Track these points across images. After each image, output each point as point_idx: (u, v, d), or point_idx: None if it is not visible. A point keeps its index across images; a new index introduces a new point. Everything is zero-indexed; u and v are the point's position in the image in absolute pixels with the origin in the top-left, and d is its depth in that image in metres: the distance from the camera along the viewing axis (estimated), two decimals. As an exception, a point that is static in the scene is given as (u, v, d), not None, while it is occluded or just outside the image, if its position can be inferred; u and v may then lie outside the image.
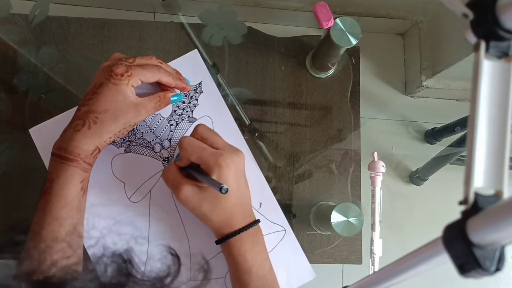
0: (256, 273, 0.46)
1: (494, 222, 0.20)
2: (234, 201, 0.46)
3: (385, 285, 0.28)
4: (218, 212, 0.45)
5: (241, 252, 0.46)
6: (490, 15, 0.23)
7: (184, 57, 0.58)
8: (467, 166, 0.23)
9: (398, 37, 1.45)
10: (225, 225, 0.46)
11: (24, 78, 0.57)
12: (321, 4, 0.52)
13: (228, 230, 0.46)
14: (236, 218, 0.46)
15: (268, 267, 0.48)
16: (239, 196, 0.46)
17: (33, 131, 0.54)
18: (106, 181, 0.53)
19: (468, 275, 0.21)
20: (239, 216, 0.46)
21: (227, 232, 0.46)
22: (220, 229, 0.46)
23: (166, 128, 0.55)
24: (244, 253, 0.46)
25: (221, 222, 0.46)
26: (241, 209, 0.47)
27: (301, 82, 0.61)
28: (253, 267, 0.46)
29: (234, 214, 0.46)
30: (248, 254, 0.46)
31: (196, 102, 0.56)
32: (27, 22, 0.58)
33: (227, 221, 0.46)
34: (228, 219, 0.46)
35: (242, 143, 0.56)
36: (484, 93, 0.24)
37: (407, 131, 1.40)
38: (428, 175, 1.30)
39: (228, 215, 0.46)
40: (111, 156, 0.53)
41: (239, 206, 0.46)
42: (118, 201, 0.52)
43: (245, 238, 0.46)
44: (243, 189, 0.48)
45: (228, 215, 0.46)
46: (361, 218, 0.51)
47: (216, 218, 0.46)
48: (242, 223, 0.46)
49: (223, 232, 0.46)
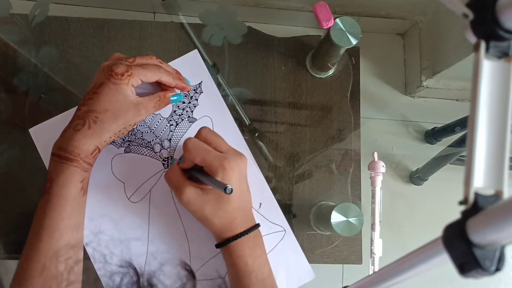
0: (256, 277, 0.46)
1: (494, 222, 0.20)
2: (237, 204, 0.46)
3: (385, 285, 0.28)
4: (220, 215, 0.45)
5: (241, 256, 0.46)
6: (490, 15, 0.23)
7: (184, 57, 0.58)
8: (467, 166, 0.23)
9: (398, 37, 1.45)
10: (227, 228, 0.46)
11: (24, 78, 0.57)
12: (321, 4, 0.52)
13: (229, 234, 0.46)
14: (237, 222, 0.46)
15: (268, 271, 0.48)
16: (241, 200, 0.46)
17: (33, 131, 0.54)
18: (106, 181, 0.53)
19: (468, 275, 0.21)
20: (240, 220, 0.46)
21: (228, 235, 0.46)
22: (221, 233, 0.46)
23: (166, 128, 0.55)
24: (245, 257, 0.46)
25: (223, 225, 0.46)
26: (243, 213, 0.47)
27: (301, 82, 0.61)
28: (253, 271, 0.46)
29: (236, 217, 0.46)
30: (249, 258, 0.46)
31: (196, 102, 0.56)
32: (27, 22, 0.58)
33: (229, 224, 0.46)
34: (230, 222, 0.46)
35: (242, 144, 0.56)
36: (484, 93, 0.24)
37: (407, 131, 1.40)
38: (428, 175, 1.30)
39: (230, 219, 0.46)
40: (111, 156, 0.53)
41: (240, 210, 0.46)
42: (118, 201, 0.52)
43: (245, 242, 0.46)
44: (245, 193, 0.48)
45: (230, 219, 0.46)
46: (361, 218, 0.51)
47: (218, 221, 0.45)
48: (243, 227, 0.46)
49: (224, 235, 0.46)
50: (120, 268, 0.51)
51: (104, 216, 0.52)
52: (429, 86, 1.31)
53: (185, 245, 0.52)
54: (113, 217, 0.52)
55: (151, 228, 0.52)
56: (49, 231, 0.42)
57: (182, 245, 0.52)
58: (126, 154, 0.54)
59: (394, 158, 1.39)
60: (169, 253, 0.52)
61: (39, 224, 0.42)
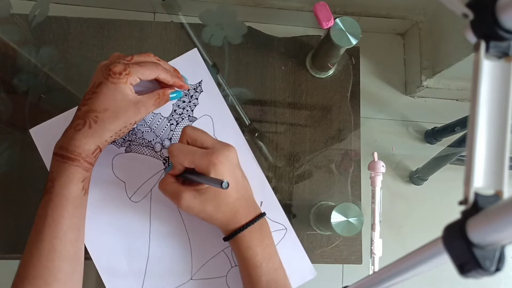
0: (266, 267, 0.46)
1: (494, 222, 0.20)
2: (236, 195, 0.46)
3: (385, 285, 0.28)
4: (222, 209, 0.45)
5: (250, 246, 0.46)
6: (490, 15, 0.23)
7: (184, 56, 0.58)
8: (467, 166, 0.23)
9: (398, 37, 1.45)
10: (232, 221, 0.46)
11: (24, 78, 0.57)
12: (321, 4, 0.52)
13: (235, 226, 0.46)
14: (241, 213, 0.46)
15: (278, 262, 0.48)
16: (239, 190, 0.46)
17: (33, 131, 0.54)
18: (107, 180, 0.53)
19: (468, 275, 0.21)
20: (244, 210, 0.46)
21: (234, 227, 0.46)
22: (227, 226, 0.46)
23: (167, 127, 0.55)
24: (254, 247, 0.46)
25: (227, 218, 0.46)
26: (245, 203, 0.47)
27: (301, 82, 0.61)
28: (263, 261, 0.46)
29: (239, 208, 0.46)
30: (258, 248, 0.46)
31: (196, 101, 0.57)
32: (27, 22, 0.58)
33: (233, 216, 0.46)
34: (234, 214, 0.46)
35: (242, 142, 0.56)
36: (484, 93, 0.24)
37: (407, 131, 1.40)
38: (428, 175, 1.30)
39: (233, 211, 0.46)
40: (112, 156, 0.53)
41: (242, 200, 0.46)
42: (119, 201, 0.52)
43: (253, 232, 0.46)
44: (242, 182, 0.47)
45: (233, 211, 0.46)
46: (361, 218, 0.51)
47: (222, 216, 0.45)
48: (248, 217, 0.46)
49: (230, 228, 0.46)
50: (122, 267, 0.51)
51: (105, 216, 0.52)
52: (429, 86, 1.31)
53: (186, 244, 0.52)
54: (114, 217, 0.52)
55: (152, 227, 0.52)
56: (51, 230, 0.42)
57: (183, 243, 0.52)
58: (127, 153, 0.54)
59: (394, 158, 1.39)
60: (170, 252, 0.52)
61: (40, 223, 0.43)
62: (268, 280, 0.45)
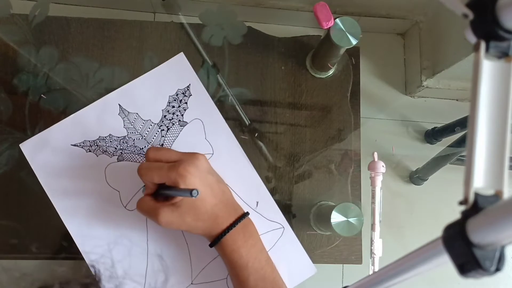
0: (252, 267, 0.46)
1: (494, 222, 0.20)
2: (213, 201, 0.46)
3: (385, 285, 0.28)
4: (202, 218, 0.45)
5: (234, 249, 0.46)
6: (490, 15, 0.23)
7: (170, 61, 0.58)
8: (467, 166, 0.23)
9: (398, 37, 1.45)
10: (213, 227, 0.46)
11: (24, 78, 0.57)
12: (321, 4, 0.52)
13: (217, 231, 0.46)
14: (221, 217, 0.46)
15: (265, 259, 0.47)
16: (216, 195, 0.46)
17: (24, 146, 0.53)
18: (101, 191, 0.52)
19: (468, 275, 0.21)
20: (224, 214, 0.46)
21: (217, 233, 0.46)
22: (210, 233, 0.46)
23: (158, 133, 0.55)
24: (238, 249, 0.46)
25: (209, 225, 0.46)
26: (224, 207, 0.47)
27: (301, 82, 0.61)
28: (249, 262, 0.46)
29: (218, 213, 0.46)
30: (242, 249, 0.46)
31: (185, 105, 0.56)
32: (27, 22, 0.58)
33: (214, 222, 0.46)
34: (214, 220, 0.46)
35: (234, 143, 0.56)
36: (484, 93, 0.24)
37: (407, 131, 1.40)
38: (428, 175, 1.30)
39: (212, 217, 0.45)
40: (104, 165, 0.53)
41: (220, 205, 0.46)
42: (115, 210, 0.52)
43: (235, 235, 0.46)
44: (217, 187, 0.47)
45: (212, 217, 0.45)
46: (361, 218, 0.51)
47: (202, 224, 0.45)
48: (229, 220, 0.46)
49: (213, 234, 0.46)
50: (121, 276, 0.50)
51: (102, 226, 0.52)
52: (429, 86, 1.31)
53: (185, 249, 0.52)
54: (111, 227, 0.52)
55: (149, 234, 0.52)
56: None
57: (182, 249, 0.52)
58: (119, 162, 0.54)
59: (394, 158, 1.39)
60: (169, 258, 0.52)
61: None
62: (256, 279, 0.46)
